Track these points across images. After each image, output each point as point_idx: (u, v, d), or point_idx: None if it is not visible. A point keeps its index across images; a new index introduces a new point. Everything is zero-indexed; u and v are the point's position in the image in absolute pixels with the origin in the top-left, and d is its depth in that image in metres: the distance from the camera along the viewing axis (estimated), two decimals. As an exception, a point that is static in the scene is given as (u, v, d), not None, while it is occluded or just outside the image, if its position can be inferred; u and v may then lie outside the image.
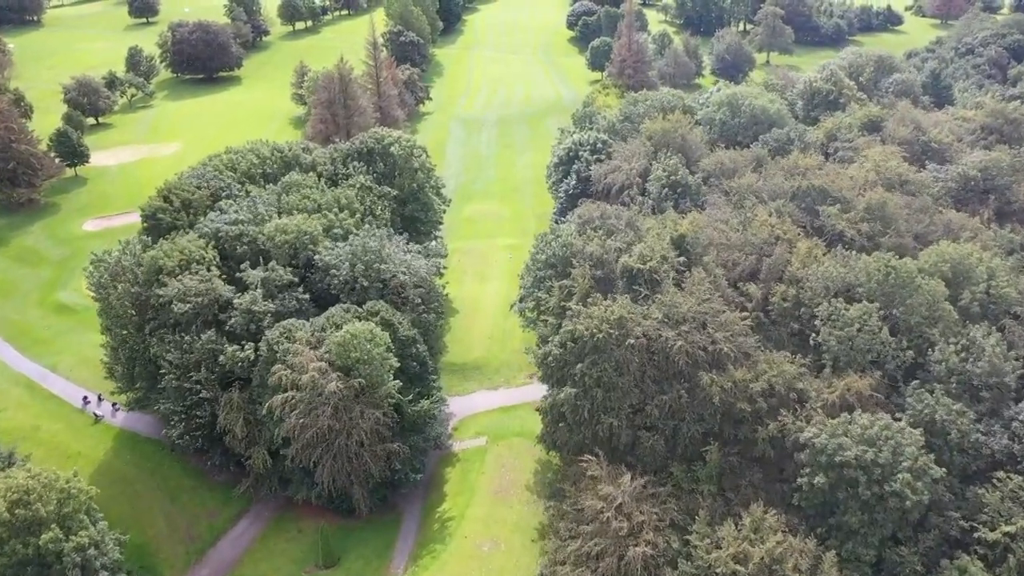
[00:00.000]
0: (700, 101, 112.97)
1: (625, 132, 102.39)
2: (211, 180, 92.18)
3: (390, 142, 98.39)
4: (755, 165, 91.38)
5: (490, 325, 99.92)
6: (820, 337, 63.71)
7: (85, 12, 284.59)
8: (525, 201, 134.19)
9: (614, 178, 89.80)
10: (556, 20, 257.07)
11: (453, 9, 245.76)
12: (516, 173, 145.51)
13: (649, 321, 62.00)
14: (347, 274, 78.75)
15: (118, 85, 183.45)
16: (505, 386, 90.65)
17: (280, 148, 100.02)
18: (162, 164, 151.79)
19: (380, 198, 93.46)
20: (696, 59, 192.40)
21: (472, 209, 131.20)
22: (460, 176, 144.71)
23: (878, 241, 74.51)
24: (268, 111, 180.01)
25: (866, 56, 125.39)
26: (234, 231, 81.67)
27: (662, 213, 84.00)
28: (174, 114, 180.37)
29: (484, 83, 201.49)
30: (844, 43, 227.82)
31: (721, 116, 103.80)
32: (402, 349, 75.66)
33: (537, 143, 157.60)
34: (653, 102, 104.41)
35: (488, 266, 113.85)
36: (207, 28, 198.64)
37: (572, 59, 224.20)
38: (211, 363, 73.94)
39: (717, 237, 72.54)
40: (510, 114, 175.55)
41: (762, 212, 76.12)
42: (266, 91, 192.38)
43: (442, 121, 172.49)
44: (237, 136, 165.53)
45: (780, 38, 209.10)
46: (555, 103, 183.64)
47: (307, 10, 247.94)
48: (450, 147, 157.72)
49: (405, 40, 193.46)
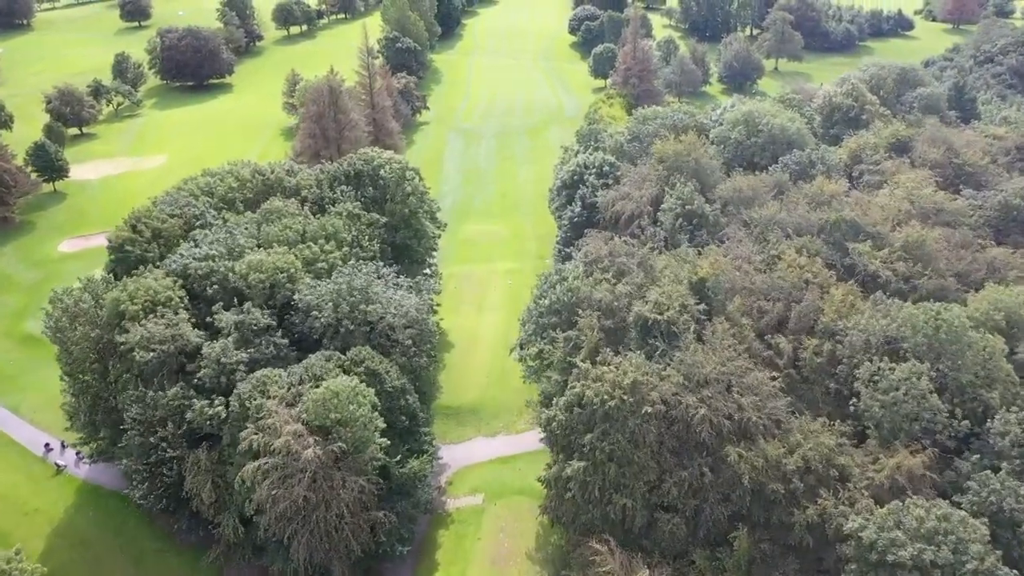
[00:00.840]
0: (713, 118, 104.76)
1: (634, 153, 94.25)
2: (185, 207, 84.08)
3: (380, 164, 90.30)
4: (776, 192, 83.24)
5: (488, 362, 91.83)
6: (861, 403, 55.66)
7: (77, 15, 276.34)
8: (526, 220, 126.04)
9: (623, 206, 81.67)
10: (557, 25, 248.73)
11: (452, 13, 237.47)
12: (516, 188, 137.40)
13: (667, 385, 53.99)
14: (330, 316, 70.69)
15: (103, 93, 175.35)
16: (504, 432, 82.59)
17: (261, 170, 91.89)
18: (146, 178, 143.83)
19: (369, 226, 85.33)
20: (703, 67, 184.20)
21: (470, 229, 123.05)
22: (458, 192, 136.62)
23: (916, 283, 66.43)
24: (259, 121, 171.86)
25: (888, 68, 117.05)
26: (204, 268, 73.55)
27: (676, 247, 75.91)
28: (161, 124, 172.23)
29: (483, 91, 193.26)
30: (854, 49, 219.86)
31: (737, 135, 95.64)
32: (390, 402, 67.70)
33: (538, 156, 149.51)
34: (664, 120, 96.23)
35: (487, 294, 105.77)
36: (197, 34, 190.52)
37: (574, 65, 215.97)
38: (178, 418, 66.02)
39: (740, 280, 64.41)
40: (510, 125, 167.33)
41: (788, 250, 67.93)
42: (258, 99, 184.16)
43: (439, 132, 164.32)
44: (225, 148, 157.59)
45: (789, 44, 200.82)
46: (557, 112, 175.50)
47: (302, 14, 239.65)
48: (447, 160, 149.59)
49: (402, 47, 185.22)
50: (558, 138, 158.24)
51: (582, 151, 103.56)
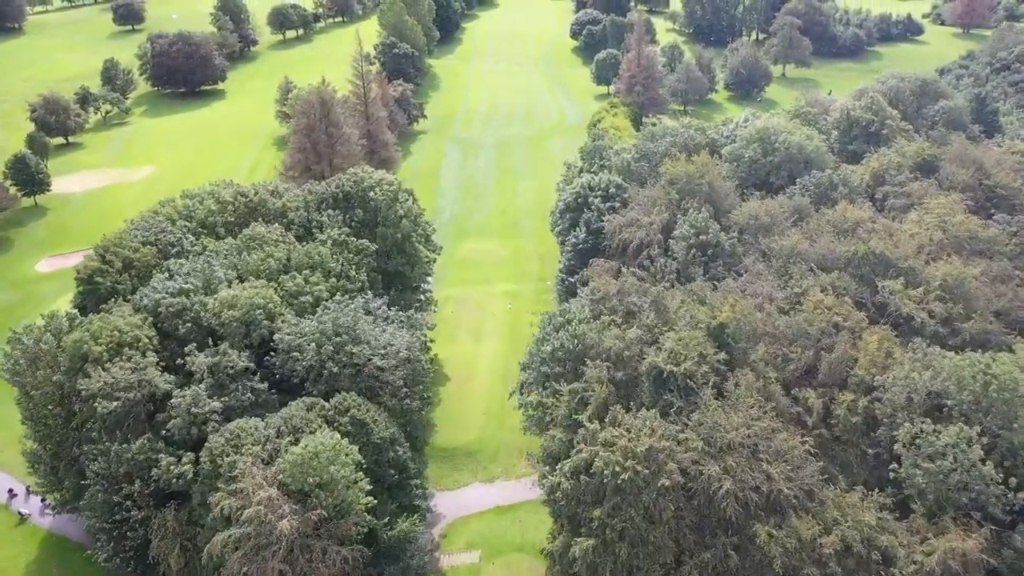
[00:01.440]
0: (725, 134, 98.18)
1: (642, 174, 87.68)
2: (161, 233, 77.57)
3: (370, 185, 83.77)
4: (796, 218, 76.69)
5: (486, 396, 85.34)
6: (902, 469, 49.23)
7: (69, 19, 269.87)
8: (526, 237, 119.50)
9: (631, 234, 75.10)
10: (559, 29, 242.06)
11: (452, 17, 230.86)
12: (516, 203, 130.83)
13: (688, 453, 47.55)
14: (313, 358, 64.27)
15: (91, 101, 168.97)
16: (503, 477, 76.08)
17: (244, 192, 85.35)
18: (132, 191, 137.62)
19: (358, 254, 78.85)
20: (709, 74, 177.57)
21: (467, 248, 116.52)
22: (455, 207, 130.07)
23: (956, 327, 59.94)
24: (251, 129, 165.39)
25: (908, 80, 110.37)
26: (177, 305, 67.08)
27: (689, 280, 69.40)
28: (150, 133, 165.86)
29: (483, 98, 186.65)
30: (863, 54, 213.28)
31: (751, 154, 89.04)
32: (377, 454, 61.33)
33: (539, 168, 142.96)
34: (674, 138, 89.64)
35: (485, 319, 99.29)
36: (188, 39, 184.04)
37: (576, 71, 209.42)
38: (144, 474, 59.62)
39: (762, 324, 57.88)
40: (510, 134, 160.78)
41: (814, 289, 61.36)
42: (251, 106, 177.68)
43: (437, 142, 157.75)
44: (216, 158, 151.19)
45: (797, 50, 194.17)
46: (559, 122, 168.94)
47: (298, 18, 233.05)
48: (445, 173, 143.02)
49: (399, 53, 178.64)
50: (560, 149, 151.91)
51: (586, 169, 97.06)
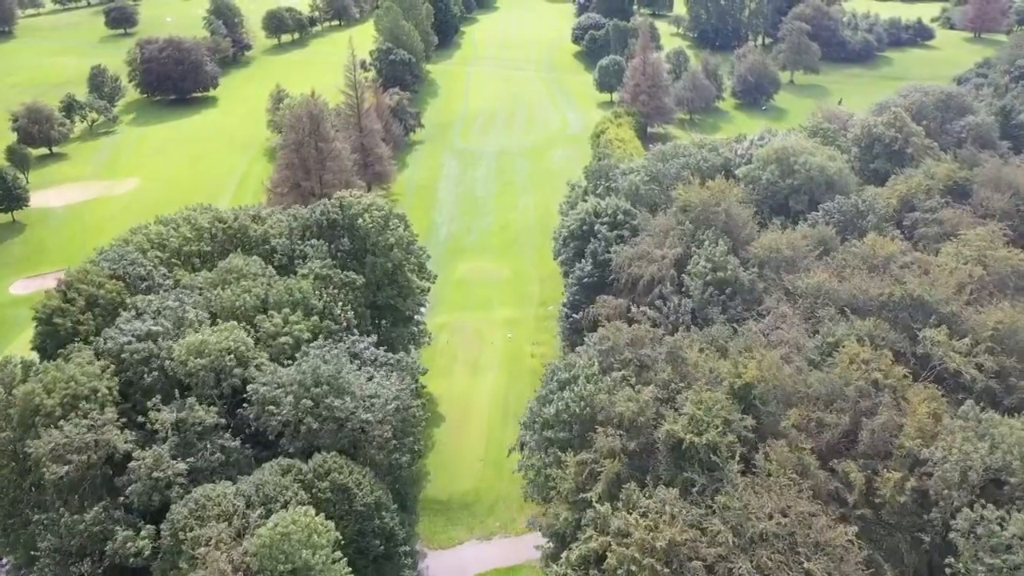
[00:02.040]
0: (739, 152, 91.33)
1: (652, 199, 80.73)
2: (130, 266, 70.70)
3: (357, 212, 76.84)
4: (821, 251, 69.82)
5: (484, 439, 78.48)
6: (960, 563, 42.44)
7: (61, 22, 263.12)
8: (527, 257, 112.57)
9: (642, 268, 68.22)
10: (560, 33, 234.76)
11: (450, 21, 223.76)
12: (517, 219, 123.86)
13: (714, 548, 40.77)
14: (290, 413, 57.49)
15: (77, 109, 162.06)
16: (502, 533, 69.23)
17: (223, 218, 78.49)
18: (115, 205, 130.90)
19: (343, 288, 72.01)
20: (716, 81, 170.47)
21: (465, 269, 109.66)
22: (452, 223, 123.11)
23: (1011, 383, 53.11)
24: (243, 138, 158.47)
25: (932, 93, 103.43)
26: (143, 351, 60.34)
27: (707, 322, 62.61)
28: (137, 142, 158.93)
29: (482, 105, 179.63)
30: (873, 59, 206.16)
31: (769, 176, 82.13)
32: (361, 523, 54.60)
33: (540, 181, 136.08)
34: (688, 160, 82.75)
35: (483, 349, 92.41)
36: (179, 45, 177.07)
37: (578, 77, 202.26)
38: (99, 549, 52.90)
39: (792, 382, 50.98)
40: (510, 144, 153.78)
41: (849, 339, 54.45)
42: (243, 114, 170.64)
43: (434, 153, 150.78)
44: (204, 170, 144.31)
45: (806, 56, 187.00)
46: (560, 130, 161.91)
47: (293, 22, 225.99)
48: (442, 186, 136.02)
49: (395, 59, 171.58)
50: (562, 159, 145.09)
51: (591, 190, 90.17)
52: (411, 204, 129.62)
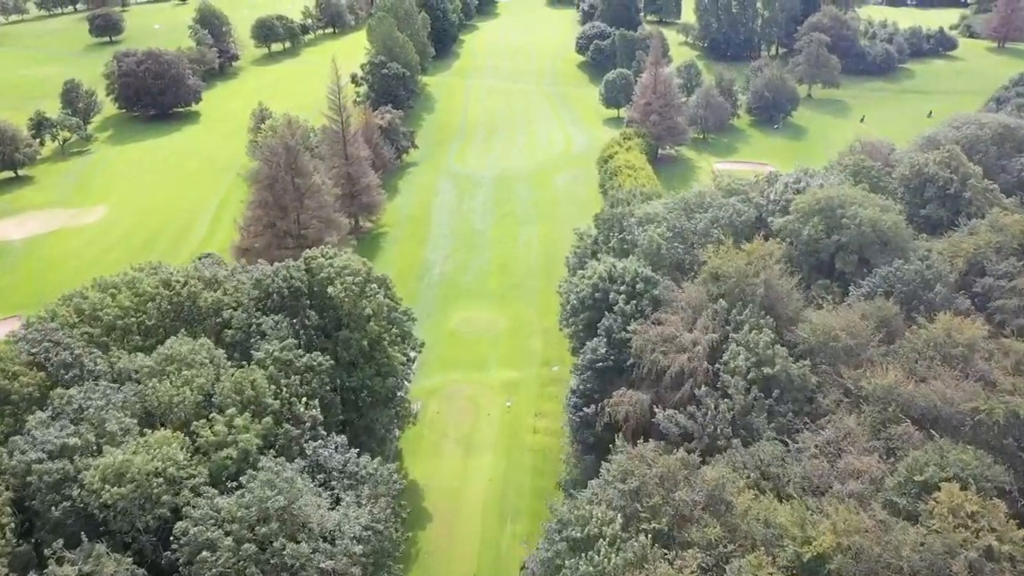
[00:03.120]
0: (771, 197, 78.33)
1: (677, 260, 67.73)
2: (53, 349, 57.87)
3: (328, 277, 63.99)
4: (884, 334, 56.93)
5: (477, 545, 65.59)
6: None
7: (47, 28, 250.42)
8: (528, 303, 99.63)
9: (669, 358, 55.28)
10: (564, 41, 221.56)
11: (448, 30, 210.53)
12: (517, 256, 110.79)
13: None
14: (229, 561, 44.71)
15: (47, 128, 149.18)
16: None
17: (170, 282, 65.53)
18: (80, 238, 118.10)
19: (306, 374, 59.16)
20: (731, 98, 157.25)
21: (460, 318, 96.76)
22: (446, 261, 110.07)
23: None
24: (224, 159, 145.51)
25: (988, 126, 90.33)
26: (54, 474, 47.64)
27: (751, 434, 49.75)
28: (111, 164, 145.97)
29: (481, 122, 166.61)
30: (893, 72, 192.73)
31: (812, 232, 69.19)
32: None
33: (543, 211, 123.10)
34: (717, 213, 69.77)
35: (478, 421, 79.54)
36: (158, 58, 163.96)
37: (583, 90, 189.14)
38: None
39: (876, 549, 38.06)
40: (510, 167, 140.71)
41: (947, 487, 41.50)
42: (226, 132, 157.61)
43: (429, 178, 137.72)
44: (178, 197, 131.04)
45: (824, 69, 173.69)
46: (564, 151, 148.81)
47: (284, 31, 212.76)
48: (436, 217, 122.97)
49: (388, 73, 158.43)
50: (566, 184, 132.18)
51: (602, 240, 77.16)
52: (401, 237, 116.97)
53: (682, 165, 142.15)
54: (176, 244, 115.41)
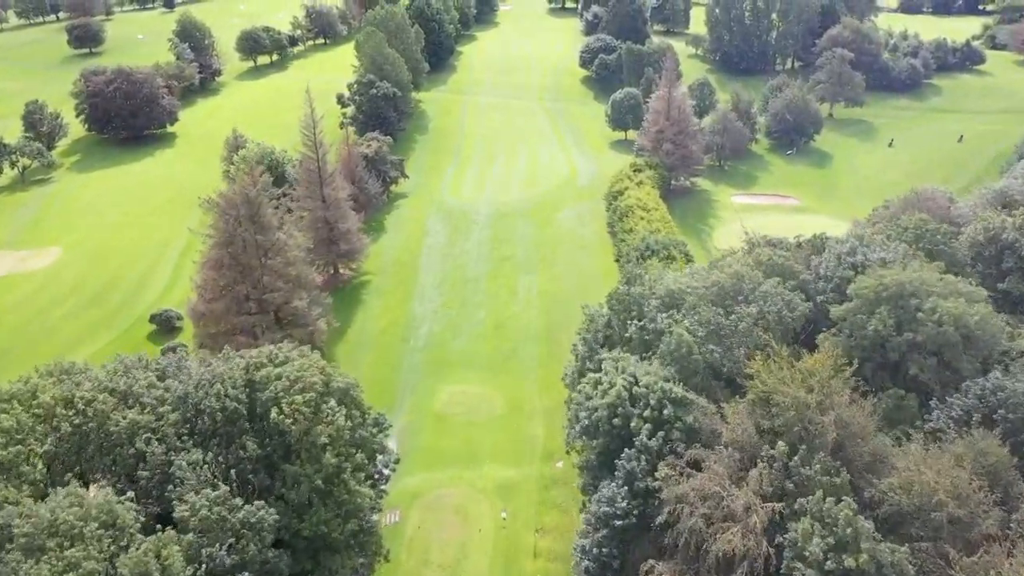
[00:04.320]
0: (823, 271, 63.72)
1: (715, 367, 53.09)
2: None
3: (272, 397, 49.47)
4: (999, 497, 42.36)
5: None
6: None
7: (26, 39, 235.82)
8: (527, 376, 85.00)
9: (713, 534, 40.75)
10: (566, 53, 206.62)
11: (444, 43, 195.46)
12: (516, 314, 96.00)
13: None
14: None
15: (6, 154, 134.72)
16: None
17: (73, 400, 50.86)
18: (26, 287, 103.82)
19: (243, 533, 44.68)
20: (750, 121, 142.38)
21: (448, 394, 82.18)
22: (435, 318, 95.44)
23: None
24: (196, 189, 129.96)
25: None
26: None
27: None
28: (73, 196, 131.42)
29: (478, 145, 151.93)
30: (919, 88, 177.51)
31: (878, 326, 54.61)
32: None
33: (545, 255, 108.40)
34: (764, 306, 55.08)
35: (468, 539, 64.99)
36: (129, 76, 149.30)
37: (587, 107, 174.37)
38: None
39: None
40: (509, 201, 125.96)
41: None
42: (201, 156, 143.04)
43: (419, 213, 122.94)
44: (141, 236, 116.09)
45: (848, 87, 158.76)
46: (568, 181, 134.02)
47: (271, 43, 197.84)
48: (426, 261, 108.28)
49: (377, 93, 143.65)
50: (571, 223, 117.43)
51: (618, 327, 62.56)
52: (386, 287, 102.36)
53: (697, 198, 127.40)
54: (134, 296, 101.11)
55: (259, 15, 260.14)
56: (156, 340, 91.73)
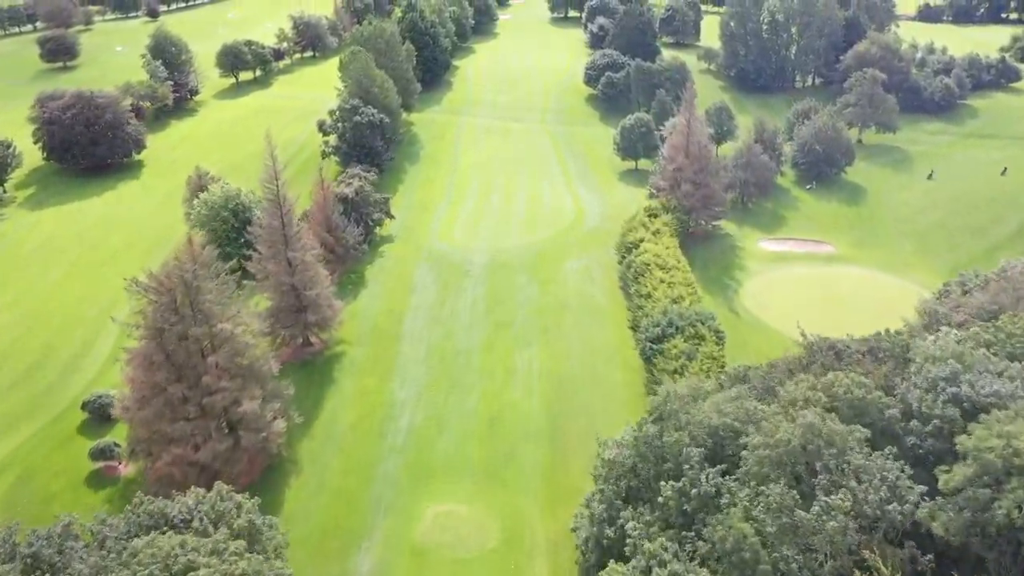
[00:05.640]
0: (911, 398, 47.43)
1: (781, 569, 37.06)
2: None
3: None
4: None
5: None
6: None
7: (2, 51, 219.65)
8: (527, 486, 68.57)
9: None
10: (571, 69, 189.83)
11: (439, 58, 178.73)
12: (513, 401, 79.23)
13: None
14: None
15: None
16: None
17: None
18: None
19: None
20: (776, 153, 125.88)
21: (430, 517, 65.70)
22: (417, 407, 78.73)
23: None
24: (157, 230, 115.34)
25: None
26: None
27: None
28: (19, 240, 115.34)
29: (473, 178, 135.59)
30: (955, 109, 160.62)
31: (1009, 510, 38.42)
32: None
33: (548, 321, 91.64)
34: (838, 472, 38.82)
35: None
36: (90, 101, 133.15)
37: (593, 130, 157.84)
38: None
39: None
40: (508, 249, 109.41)
41: None
42: (167, 190, 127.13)
43: (405, 263, 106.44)
44: (87, 293, 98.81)
45: (880, 111, 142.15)
46: (575, 223, 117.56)
47: (254, 58, 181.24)
48: (410, 327, 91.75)
49: (362, 120, 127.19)
50: (578, 278, 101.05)
51: (646, 486, 46.37)
52: (362, 362, 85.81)
53: (720, 244, 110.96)
54: (68, 373, 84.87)
55: (248, 22, 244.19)
56: (89, 433, 75.50)
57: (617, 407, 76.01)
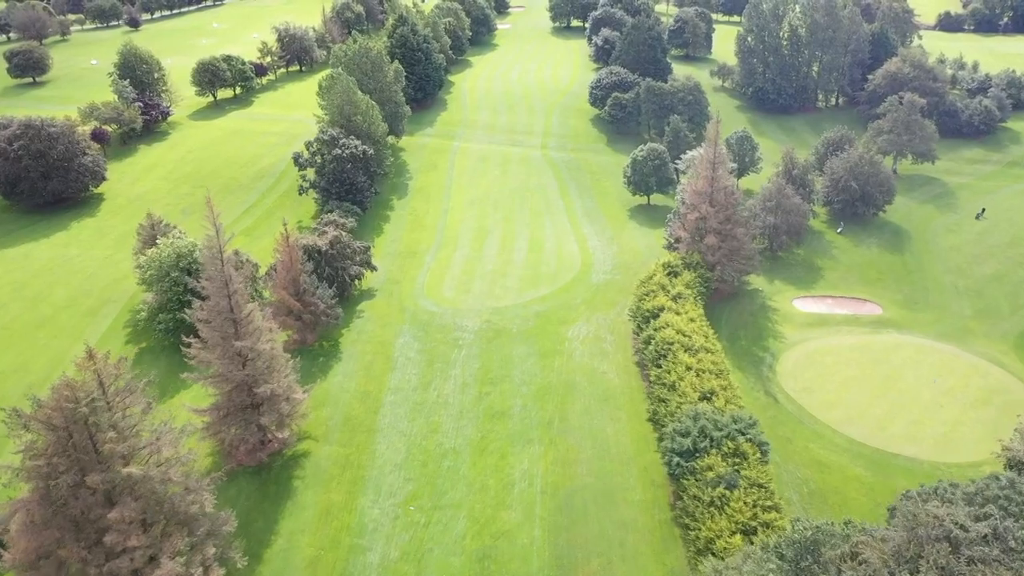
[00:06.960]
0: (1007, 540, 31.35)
1: None
2: None
3: None
4: None
5: None
6: None
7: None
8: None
9: None
10: (574, 86, 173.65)
11: (432, 75, 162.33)
12: (510, 529, 63.23)
13: None
14: None
15: None
16: None
17: None
18: None
19: None
20: (808, 194, 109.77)
21: None
22: (392, 536, 62.75)
23: None
24: (105, 282, 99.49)
25: None
26: None
27: None
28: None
29: (467, 217, 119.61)
30: (995, 134, 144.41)
31: None
32: None
33: (551, 412, 75.51)
34: None
35: None
36: (39, 132, 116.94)
37: (600, 157, 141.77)
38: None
39: None
40: (504, 310, 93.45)
41: None
42: (127, 231, 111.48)
43: (385, 328, 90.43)
44: (18, 363, 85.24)
45: (918, 138, 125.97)
46: (581, 276, 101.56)
47: (234, 74, 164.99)
48: (386, 419, 75.73)
49: (343, 154, 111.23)
50: (585, 350, 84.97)
51: None
52: (328, 469, 69.80)
53: (748, 303, 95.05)
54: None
55: (234, 31, 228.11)
56: (-14, 567, 59.53)
57: (637, 541, 60.25)
